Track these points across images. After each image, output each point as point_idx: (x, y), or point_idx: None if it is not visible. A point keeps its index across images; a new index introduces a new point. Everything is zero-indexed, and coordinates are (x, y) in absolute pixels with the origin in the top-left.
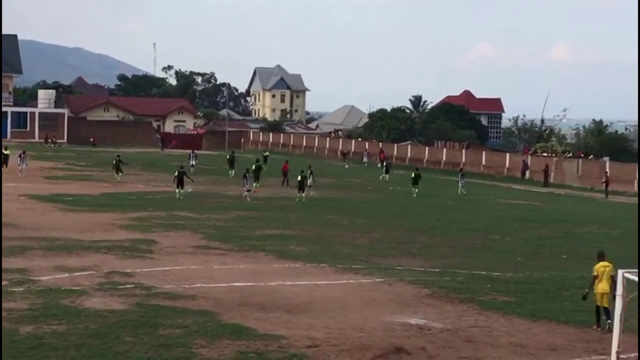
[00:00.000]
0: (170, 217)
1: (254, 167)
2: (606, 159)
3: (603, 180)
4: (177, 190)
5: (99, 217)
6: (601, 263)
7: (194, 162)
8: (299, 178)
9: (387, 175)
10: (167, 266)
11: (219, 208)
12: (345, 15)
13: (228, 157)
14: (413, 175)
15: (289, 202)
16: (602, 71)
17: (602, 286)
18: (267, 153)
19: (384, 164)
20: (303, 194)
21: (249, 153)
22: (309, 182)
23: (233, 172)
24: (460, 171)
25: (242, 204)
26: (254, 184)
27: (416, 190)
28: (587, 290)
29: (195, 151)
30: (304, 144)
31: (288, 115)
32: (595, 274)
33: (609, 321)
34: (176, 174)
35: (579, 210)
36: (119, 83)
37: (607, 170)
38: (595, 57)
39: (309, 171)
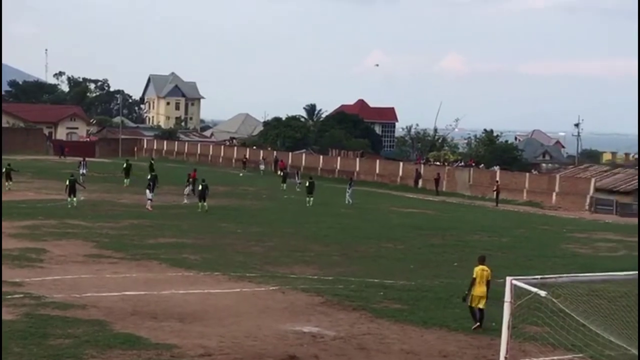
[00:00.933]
0: (62, 225)
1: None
2: (496, 167)
3: (494, 189)
4: (68, 199)
5: None
6: (481, 266)
7: (84, 171)
8: (200, 187)
9: (285, 185)
10: (57, 275)
11: (111, 216)
12: (240, 23)
13: (124, 165)
14: (307, 183)
15: (183, 211)
16: (493, 82)
17: (479, 289)
18: (152, 160)
19: (282, 173)
20: (205, 203)
21: (142, 161)
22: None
23: (128, 180)
24: (350, 180)
25: (136, 212)
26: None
27: (311, 199)
28: (466, 292)
29: (86, 159)
30: (199, 152)
31: (183, 123)
32: (475, 276)
33: (477, 324)
34: (67, 182)
35: (470, 219)
36: (9, 89)
37: (498, 179)
38: (487, 67)
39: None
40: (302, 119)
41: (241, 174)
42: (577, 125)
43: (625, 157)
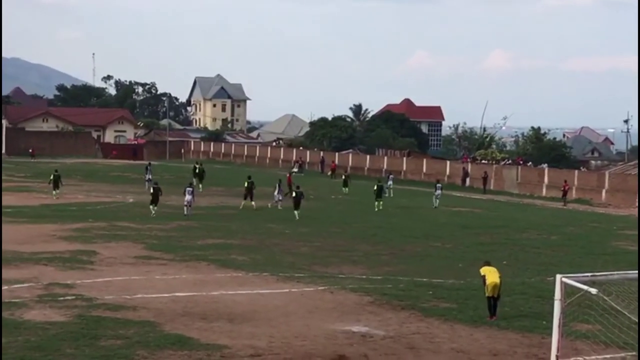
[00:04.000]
0: (111, 227)
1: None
2: (545, 165)
3: (562, 189)
4: (151, 207)
5: (39, 229)
6: (486, 267)
7: (149, 176)
8: (294, 194)
9: (347, 189)
10: (108, 277)
11: (160, 218)
12: (285, 25)
13: (197, 168)
14: (375, 187)
15: (231, 212)
16: (539, 79)
17: (492, 279)
18: (197, 164)
19: (342, 176)
20: (298, 212)
21: (189, 163)
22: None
23: (201, 185)
24: (389, 174)
25: (181, 214)
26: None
27: (381, 202)
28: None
29: (151, 163)
30: (246, 153)
31: (229, 125)
32: (483, 274)
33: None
34: (151, 190)
35: (519, 217)
36: (58, 93)
37: (566, 179)
38: (532, 64)
39: (278, 183)
40: (348, 119)
41: (295, 170)
42: (626, 121)
43: None
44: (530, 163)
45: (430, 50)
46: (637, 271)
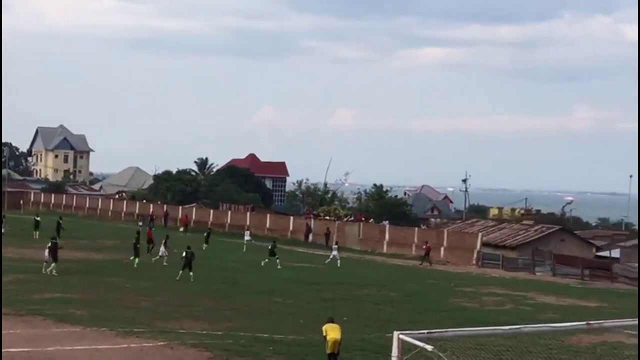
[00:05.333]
0: None
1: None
2: (386, 222)
3: (424, 247)
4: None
5: None
6: (329, 324)
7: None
8: (184, 254)
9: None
10: None
11: None
12: (130, 77)
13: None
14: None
15: (70, 265)
16: (383, 137)
17: (332, 335)
18: (38, 217)
19: (205, 233)
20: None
21: (28, 214)
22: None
23: (37, 233)
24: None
25: (21, 266)
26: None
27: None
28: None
29: (5, 214)
30: (88, 205)
31: (71, 176)
32: (324, 331)
33: None
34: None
35: (360, 273)
36: None
37: (427, 240)
38: (376, 123)
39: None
40: (193, 173)
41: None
42: (464, 180)
43: (511, 212)
44: (372, 220)
45: (275, 106)
46: (471, 328)
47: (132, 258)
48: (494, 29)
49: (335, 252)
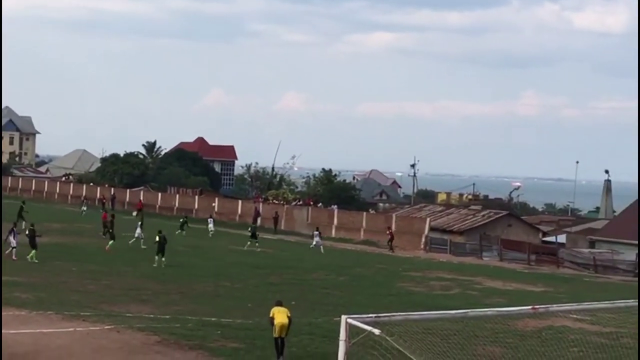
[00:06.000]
0: None
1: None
2: (334, 207)
3: (388, 233)
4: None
5: None
6: (277, 307)
7: None
8: (157, 239)
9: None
10: None
11: None
12: (77, 58)
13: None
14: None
15: (17, 248)
16: (331, 122)
17: (280, 319)
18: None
19: (181, 219)
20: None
21: None
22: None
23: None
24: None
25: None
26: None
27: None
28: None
29: None
30: (34, 188)
31: (17, 159)
32: (271, 315)
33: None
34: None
35: (309, 257)
36: None
37: (390, 225)
38: (325, 107)
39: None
40: (141, 156)
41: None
42: (413, 165)
43: (459, 197)
44: (320, 204)
45: (225, 90)
46: (418, 312)
47: (110, 242)
48: (443, 14)
49: (317, 239)
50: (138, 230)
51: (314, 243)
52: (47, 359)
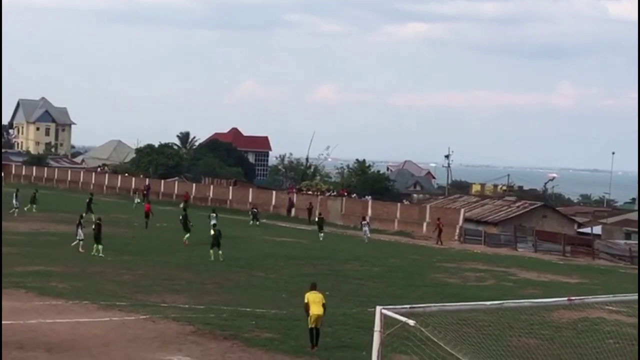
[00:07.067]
0: None
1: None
2: (368, 197)
3: (435, 228)
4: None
5: None
6: (312, 292)
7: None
8: (212, 232)
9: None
10: None
11: None
12: (113, 48)
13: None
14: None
15: (53, 238)
16: (365, 113)
17: (315, 310)
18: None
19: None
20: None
21: (10, 187)
22: None
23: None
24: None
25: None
26: None
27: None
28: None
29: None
30: (69, 178)
31: (53, 149)
32: (306, 301)
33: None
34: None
35: (343, 248)
36: None
37: (439, 217)
38: (359, 97)
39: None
40: (175, 147)
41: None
42: (447, 156)
43: (493, 188)
44: (354, 195)
45: (259, 81)
46: (453, 303)
47: (187, 236)
48: (477, 4)
49: (366, 228)
50: (213, 221)
51: (367, 234)
52: (84, 349)
